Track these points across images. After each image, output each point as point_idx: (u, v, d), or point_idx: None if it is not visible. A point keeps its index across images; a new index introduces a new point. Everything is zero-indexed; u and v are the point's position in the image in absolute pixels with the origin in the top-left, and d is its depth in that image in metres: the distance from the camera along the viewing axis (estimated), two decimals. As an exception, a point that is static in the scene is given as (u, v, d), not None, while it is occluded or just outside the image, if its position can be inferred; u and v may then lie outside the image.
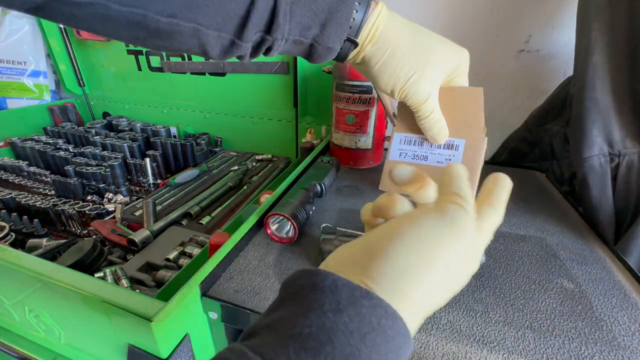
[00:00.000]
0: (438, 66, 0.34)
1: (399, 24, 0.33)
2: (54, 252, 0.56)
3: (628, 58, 0.49)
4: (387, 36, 0.32)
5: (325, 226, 0.42)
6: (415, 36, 0.33)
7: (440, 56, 0.34)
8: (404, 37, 0.32)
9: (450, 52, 0.35)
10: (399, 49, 0.32)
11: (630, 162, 0.50)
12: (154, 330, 0.30)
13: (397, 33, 0.32)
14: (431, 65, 0.34)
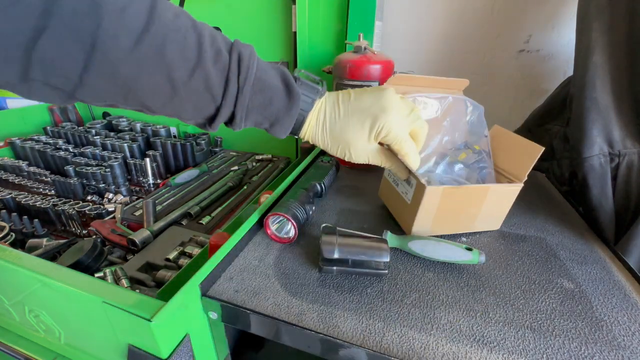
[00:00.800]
0: (361, 140, 0.40)
1: (321, 128, 0.40)
2: (54, 252, 0.56)
3: (628, 58, 0.49)
4: (317, 138, 0.41)
5: (325, 226, 0.42)
6: (337, 129, 0.40)
7: (360, 133, 0.39)
8: (324, 137, 0.40)
9: (373, 121, 0.39)
10: (327, 144, 0.41)
11: (630, 162, 0.50)
12: (154, 330, 0.30)
13: (320, 135, 0.40)
14: (356, 145, 0.40)
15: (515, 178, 0.47)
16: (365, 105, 0.39)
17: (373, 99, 0.39)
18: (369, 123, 0.39)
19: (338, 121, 0.40)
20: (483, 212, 0.47)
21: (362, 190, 0.61)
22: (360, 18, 0.74)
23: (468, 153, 0.52)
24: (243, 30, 0.90)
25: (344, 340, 0.32)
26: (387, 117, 0.38)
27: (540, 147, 0.44)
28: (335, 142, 0.40)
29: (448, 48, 0.85)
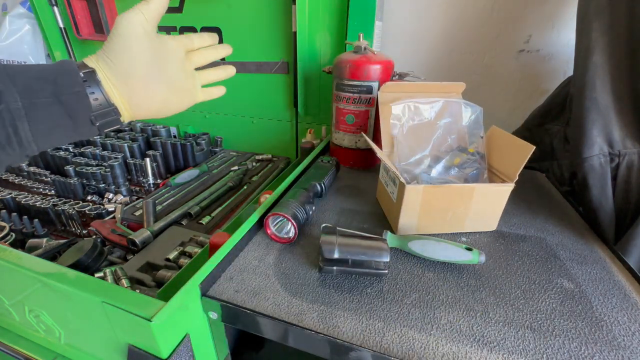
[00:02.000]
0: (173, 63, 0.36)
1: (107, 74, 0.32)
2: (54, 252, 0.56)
3: (628, 58, 0.49)
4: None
5: (325, 226, 0.42)
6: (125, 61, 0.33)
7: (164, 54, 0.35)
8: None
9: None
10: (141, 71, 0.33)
11: (630, 162, 0.50)
12: (154, 330, 0.30)
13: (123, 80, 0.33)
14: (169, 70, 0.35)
15: (508, 178, 0.48)
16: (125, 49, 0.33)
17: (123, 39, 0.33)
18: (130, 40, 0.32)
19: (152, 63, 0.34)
20: (473, 212, 0.47)
21: (362, 190, 0.61)
22: (360, 18, 0.74)
23: (462, 157, 0.53)
24: (243, 30, 0.90)
25: (344, 340, 0.32)
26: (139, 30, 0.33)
27: (531, 146, 0.43)
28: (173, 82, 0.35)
29: (448, 48, 0.85)
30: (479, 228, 0.49)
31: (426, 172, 0.53)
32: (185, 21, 0.95)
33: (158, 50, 0.34)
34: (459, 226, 0.48)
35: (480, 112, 0.54)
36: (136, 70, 0.33)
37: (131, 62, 0.33)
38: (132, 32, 0.32)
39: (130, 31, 0.32)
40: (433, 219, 0.47)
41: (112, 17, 1.01)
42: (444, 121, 0.55)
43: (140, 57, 0.33)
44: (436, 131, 0.55)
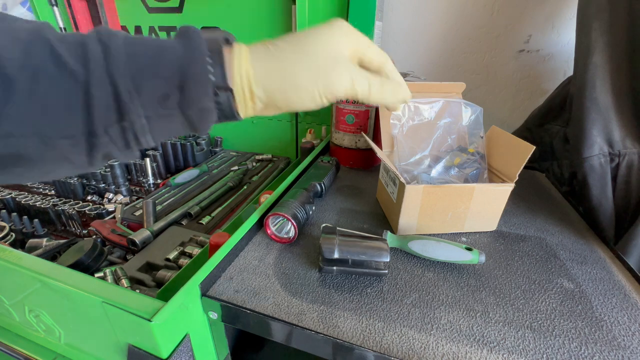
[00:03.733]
0: (336, 55, 0.29)
1: (266, 51, 0.28)
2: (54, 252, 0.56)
3: (628, 58, 0.49)
4: (268, 70, 0.28)
5: (325, 226, 0.42)
6: (297, 49, 0.29)
7: (331, 46, 0.29)
8: (282, 59, 0.28)
9: (336, 33, 0.30)
10: (288, 70, 0.28)
11: (630, 162, 0.50)
12: (154, 330, 0.30)
13: (273, 60, 0.28)
14: (329, 61, 0.29)
15: (508, 178, 0.48)
16: (318, 28, 0.30)
17: (322, 25, 0.30)
18: (337, 33, 0.29)
19: (286, 44, 0.28)
20: (473, 212, 0.47)
21: (362, 190, 0.61)
22: (360, 18, 0.74)
23: (462, 157, 0.53)
24: (243, 30, 0.90)
25: (344, 340, 0.32)
26: (352, 29, 0.30)
27: (531, 146, 0.43)
28: (294, 67, 0.28)
29: (448, 48, 0.85)
30: (479, 228, 0.49)
31: (426, 172, 0.53)
32: (185, 21, 0.95)
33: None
34: (459, 226, 0.48)
35: (480, 112, 0.54)
36: (296, 78, 0.28)
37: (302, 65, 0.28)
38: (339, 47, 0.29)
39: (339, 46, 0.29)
40: (433, 219, 0.47)
41: (112, 17, 1.01)
42: (444, 121, 0.55)
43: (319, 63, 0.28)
44: (436, 131, 0.55)
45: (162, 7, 0.94)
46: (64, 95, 0.22)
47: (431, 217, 0.47)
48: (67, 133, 0.23)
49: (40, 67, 0.21)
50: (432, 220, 0.47)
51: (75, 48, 0.22)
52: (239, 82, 0.27)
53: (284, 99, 0.29)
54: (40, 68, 0.21)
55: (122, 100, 0.23)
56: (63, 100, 0.22)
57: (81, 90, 0.22)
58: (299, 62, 0.28)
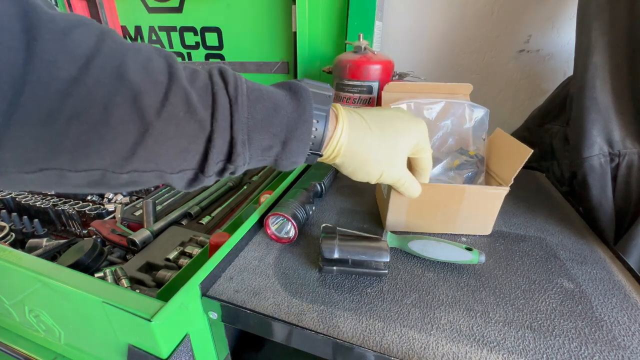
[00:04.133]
0: (402, 154, 0.37)
1: (363, 132, 0.34)
2: (54, 252, 0.56)
3: (628, 58, 0.49)
4: (354, 149, 0.34)
5: (325, 226, 0.42)
6: (381, 138, 0.35)
7: (402, 145, 0.36)
8: (369, 145, 0.34)
9: (410, 135, 0.37)
10: (368, 158, 0.35)
11: (630, 162, 0.50)
12: (154, 330, 0.30)
13: (362, 143, 0.34)
14: (396, 159, 0.37)
15: (504, 182, 0.47)
16: (394, 117, 0.36)
17: (399, 112, 0.38)
18: (407, 132, 0.36)
19: (370, 132, 0.34)
20: (465, 213, 0.46)
21: (362, 190, 0.61)
22: (360, 18, 0.74)
23: (461, 159, 0.53)
24: (243, 30, 0.90)
25: (344, 340, 0.32)
26: (420, 125, 0.38)
27: (529, 150, 0.43)
28: (381, 158, 0.35)
29: (448, 48, 0.85)
30: (472, 231, 0.49)
31: None
32: (185, 21, 0.95)
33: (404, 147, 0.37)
34: (450, 227, 0.48)
35: (486, 113, 0.53)
36: (372, 154, 0.34)
37: (387, 147, 0.35)
38: (418, 134, 0.37)
39: (418, 133, 0.37)
40: (422, 217, 0.47)
41: (112, 17, 1.01)
42: (445, 122, 0.55)
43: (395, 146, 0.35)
44: (437, 132, 0.55)
45: (162, 7, 0.94)
46: (187, 139, 0.24)
47: (420, 215, 0.47)
48: (180, 169, 0.25)
49: (173, 113, 0.23)
50: (421, 218, 0.47)
51: (204, 96, 0.25)
52: (329, 153, 0.33)
53: (351, 171, 0.37)
54: (173, 114, 0.23)
55: (236, 150, 0.26)
56: (186, 143, 0.24)
57: (204, 137, 0.25)
58: (379, 153, 0.35)
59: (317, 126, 0.30)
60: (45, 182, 0.21)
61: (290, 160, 0.30)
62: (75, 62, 0.19)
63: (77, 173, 0.21)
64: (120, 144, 0.22)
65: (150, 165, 0.24)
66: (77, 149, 0.20)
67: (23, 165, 0.20)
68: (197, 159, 0.26)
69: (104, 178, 0.23)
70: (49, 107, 0.19)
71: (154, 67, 0.22)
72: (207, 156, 0.25)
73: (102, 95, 0.20)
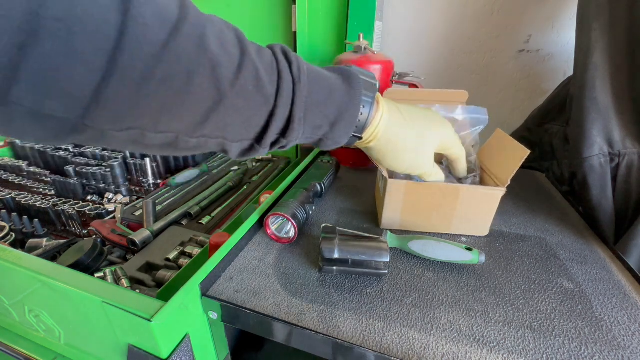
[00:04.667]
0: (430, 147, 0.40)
1: (398, 121, 0.36)
2: (54, 252, 0.56)
3: (628, 58, 0.49)
4: (389, 135, 0.36)
5: (325, 226, 0.42)
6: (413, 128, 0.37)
7: (431, 139, 0.39)
8: (402, 134, 0.37)
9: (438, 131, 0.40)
10: (400, 146, 0.37)
11: (630, 162, 0.50)
12: (154, 330, 0.30)
13: (397, 132, 0.36)
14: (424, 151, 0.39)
15: (501, 182, 0.46)
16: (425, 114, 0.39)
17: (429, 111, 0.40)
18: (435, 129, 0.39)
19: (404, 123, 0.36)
20: (460, 214, 0.46)
21: (362, 190, 0.61)
22: (360, 18, 0.74)
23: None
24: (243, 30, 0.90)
25: (344, 340, 0.32)
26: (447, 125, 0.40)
27: (526, 151, 0.42)
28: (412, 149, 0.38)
29: (448, 48, 0.85)
30: (469, 232, 0.48)
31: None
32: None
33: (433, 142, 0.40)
34: (446, 227, 0.48)
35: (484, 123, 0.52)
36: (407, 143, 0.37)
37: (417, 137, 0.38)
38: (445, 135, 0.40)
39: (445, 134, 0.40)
40: (417, 216, 0.47)
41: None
42: None
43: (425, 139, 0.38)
44: None
45: (162, 7, 0.94)
46: (253, 111, 0.26)
47: (415, 214, 0.47)
48: (242, 138, 0.27)
49: (244, 86, 0.25)
50: (417, 217, 0.47)
51: (271, 72, 0.26)
52: (367, 136, 0.35)
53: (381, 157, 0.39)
54: (244, 87, 0.25)
55: (292, 126, 0.28)
56: (250, 115, 0.26)
57: (268, 111, 0.27)
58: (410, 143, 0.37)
59: (363, 111, 0.32)
60: (126, 141, 0.22)
61: (334, 141, 0.33)
62: (165, 27, 0.20)
63: (155, 134, 0.23)
64: (197, 110, 0.23)
65: (218, 133, 0.25)
66: (161, 112, 0.22)
67: (115, 122, 0.21)
68: (257, 131, 0.28)
69: (176, 141, 0.24)
70: (143, 69, 0.20)
71: (227, 40, 0.24)
72: (267, 129, 0.27)
73: (187, 62, 0.21)
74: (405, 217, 0.48)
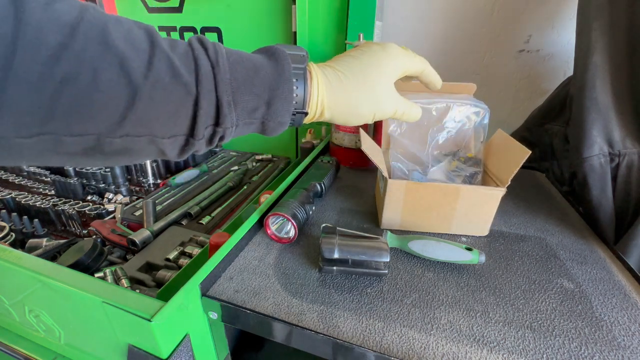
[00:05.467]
0: (385, 87, 0.36)
1: (338, 78, 0.34)
2: (54, 252, 0.56)
3: (628, 58, 0.49)
4: (337, 97, 0.34)
5: (325, 226, 0.42)
6: (356, 77, 0.35)
7: (381, 79, 0.36)
8: (350, 88, 0.34)
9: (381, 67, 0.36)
10: (354, 101, 0.35)
11: (630, 162, 0.50)
12: (154, 330, 0.30)
13: (343, 89, 0.34)
14: (381, 94, 0.36)
15: (501, 182, 0.46)
16: (361, 55, 0.36)
17: (377, 47, 0.37)
18: (378, 63, 0.35)
19: (345, 77, 0.34)
20: (460, 213, 0.46)
21: (362, 190, 0.61)
22: (360, 18, 0.74)
23: (459, 162, 0.52)
24: (243, 30, 0.90)
25: (344, 340, 0.32)
26: (388, 49, 0.36)
27: (527, 151, 0.42)
28: (368, 99, 0.35)
29: (448, 48, 0.85)
30: (469, 232, 0.48)
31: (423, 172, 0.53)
32: (185, 21, 0.95)
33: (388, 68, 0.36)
34: (446, 227, 0.48)
35: (487, 114, 0.53)
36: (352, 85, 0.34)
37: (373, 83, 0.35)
38: (393, 54, 0.36)
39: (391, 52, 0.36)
40: (417, 216, 0.47)
41: (112, 17, 1.01)
42: (446, 123, 0.55)
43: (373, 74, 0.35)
44: (437, 133, 0.55)
45: (162, 7, 0.94)
46: (175, 103, 0.25)
47: (415, 214, 0.47)
48: (171, 134, 0.26)
49: (159, 78, 0.24)
50: (417, 217, 0.47)
51: (187, 61, 0.26)
52: (314, 109, 0.34)
53: (344, 120, 0.36)
54: (159, 78, 0.24)
55: (223, 111, 0.27)
56: (174, 107, 0.25)
57: (191, 101, 0.26)
58: (362, 94, 0.35)
59: (297, 84, 0.31)
60: (43, 150, 0.22)
61: (277, 121, 0.31)
62: (60, 29, 0.20)
63: (72, 138, 0.22)
64: (112, 107, 0.22)
65: (142, 130, 0.24)
66: (71, 113, 0.21)
67: (21, 128, 0.20)
68: (187, 124, 0.27)
69: (99, 143, 0.23)
70: (40, 70, 0.20)
71: (135, 36, 0.24)
72: (196, 119, 0.26)
73: (90, 59, 0.21)
74: (405, 217, 0.48)
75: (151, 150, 0.27)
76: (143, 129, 0.24)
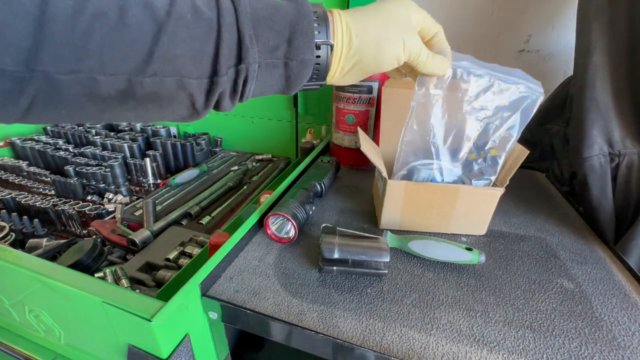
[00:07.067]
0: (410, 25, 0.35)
1: (362, 15, 0.33)
2: (54, 252, 0.56)
3: (628, 58, 0.49)
4: (363, 24, 0.33)
5: (325, 226, 0.42)
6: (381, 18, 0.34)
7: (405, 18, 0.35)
8: (374, 21, 0.33)
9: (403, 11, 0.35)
10: (379, 31, 0.33)
11: (630, 162, 0.50)
12: (154, 330, 0.30)
13: (367, 22, 0.33)
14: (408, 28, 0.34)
15: (499, 182, 0.46)
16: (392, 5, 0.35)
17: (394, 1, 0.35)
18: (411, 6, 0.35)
19: (374, 6, 0.33)
20: (459, 213, 0.46)
21: (362, 190, 0.61)
22: (360, 18, 0.74)
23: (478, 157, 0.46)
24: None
25: (344, 340, 0.32)
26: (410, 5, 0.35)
27: (526, 151, 0.42)
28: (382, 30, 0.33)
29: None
30: (467, 231, 0.48)
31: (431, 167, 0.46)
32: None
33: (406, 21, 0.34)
34: (444, 226, 0.48)
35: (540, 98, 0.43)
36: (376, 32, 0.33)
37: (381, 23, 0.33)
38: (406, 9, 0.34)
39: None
40: (417, 216, 0.47)
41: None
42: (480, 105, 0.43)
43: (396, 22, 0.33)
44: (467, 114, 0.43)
45: None
46: (199, 41, 0.26)
47: (415, 214, 0.47)
48: (197, 74, 0.27)
49: (182, 14, 0.25)
50: (416, 217, 0.47)
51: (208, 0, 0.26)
52: (340, 36, 0.32)
53: (375, 50, 0.33)
54: (182, 15, 0.25)
55: (245, 45, 0.27)
56: (198, 44, 0.26)
57: (214, 36, 0.26)
58: (387, 21, 0.33)
59: (318, 18, 0.31)
60: (79, 93, 0.23)
61: (300, 58, 0.30)
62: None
63: (106, 77, 0.23)
64: (140, 42, 0.24)
65: (169, 69, 0.25)
66: (103, 49, 0.22)
67: (59, 63, 0.22)
68: (210, 62, 0.27)
69: (130, 85, 0.24)
70: (74, 6, 0.21)
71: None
72: (219, 54, 0.26)
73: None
74: (404, 217, 0.48)
75: (181, 98, 0.27)
76: (170, 67, 0.25)
